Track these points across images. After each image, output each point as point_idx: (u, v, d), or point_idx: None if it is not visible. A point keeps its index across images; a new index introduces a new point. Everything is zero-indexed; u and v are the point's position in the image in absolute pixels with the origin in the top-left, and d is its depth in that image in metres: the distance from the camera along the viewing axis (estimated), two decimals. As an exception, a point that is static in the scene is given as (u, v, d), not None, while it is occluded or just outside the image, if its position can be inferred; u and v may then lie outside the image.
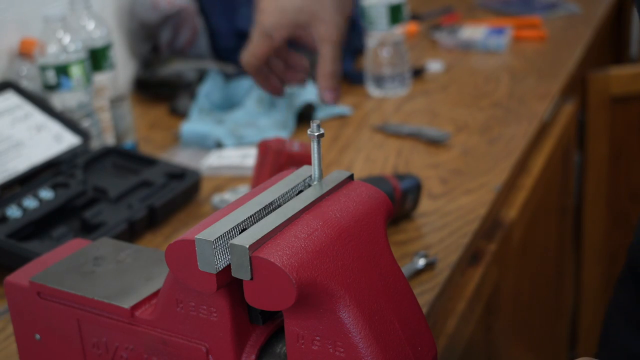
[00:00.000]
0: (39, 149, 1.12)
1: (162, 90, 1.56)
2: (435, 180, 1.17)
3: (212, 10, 1.67)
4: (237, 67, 1.61)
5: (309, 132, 0.62)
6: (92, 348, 0.69)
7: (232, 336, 0.62)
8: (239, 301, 0.61)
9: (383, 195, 0.65)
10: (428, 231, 1.03)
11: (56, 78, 1.20)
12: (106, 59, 1.30)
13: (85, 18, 1.28)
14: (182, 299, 0.62)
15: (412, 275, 0.93)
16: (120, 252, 0.74)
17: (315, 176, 0.64)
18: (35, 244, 0.99)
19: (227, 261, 0.58)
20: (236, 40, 1.68)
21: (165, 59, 1.60)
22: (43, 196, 1.05)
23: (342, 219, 0.61)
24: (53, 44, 1.20)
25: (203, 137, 1.34)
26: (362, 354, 0.57)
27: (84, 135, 1.17)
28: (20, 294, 0.72)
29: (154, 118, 1.50)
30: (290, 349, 0.59)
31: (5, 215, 1.01)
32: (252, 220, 0.60)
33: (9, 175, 1.07)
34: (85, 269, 0.71)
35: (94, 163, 1.15)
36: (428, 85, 1.57)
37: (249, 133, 1.37)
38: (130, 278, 0.70)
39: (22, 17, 1.38)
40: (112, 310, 0.67)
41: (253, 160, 1.27)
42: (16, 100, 1.17)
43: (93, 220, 1.04)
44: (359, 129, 1.39)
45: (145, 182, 1.12)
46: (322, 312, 0.57)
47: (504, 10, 1.96)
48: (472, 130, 1.34)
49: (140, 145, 1.36)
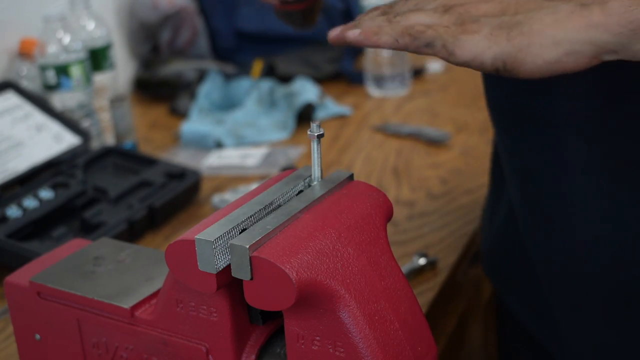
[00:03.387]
0: (39, 149, 1.12)
1: (162, 90, 1.56)
2: (435, 180, 1.17)
3: (212, 10, 1.67)
4: (237, 67, 1.61)
5: (309, 132, 0.62)
6: (92, 348, 0.69)
7: (232, 336, 0.62)
8: (239, 301, 0.61)
9: (383, 195, 0.65)
10: (428, 231, 1.03)
11: (56, 78, 1.20)
12: (106, 59, 1.30)
13: (85, 18, 1.28)
14: (182, 299, 0.62)
15: (412, 275, 0.93)
16: (120, 252, 0.74)
17: (315, 176, 0.64)
18: (35, 244, 0.99)
19: (227, 261, 0.58)
20: (236, 40, 1.68)
21: (165, 59, 1.60)
22: (43, 196, 1.05)
23: (342, 219, 0.61)
24: (53, 44, 1.20)
25: (203, 137, 1.34)
26: (362, 354, 0.57)
27: (84, 135, 1.17)
28: (20, 294, 0.72)
29: (154, 118, 1.50)
30: (290, 349, 0.59)
31: (5, 215, 1.01)
32: (252, 220, 0.60)
33: (9, 175, 1.07)
34: (85, 269, 0.71)
35: (94, 163, 1.15)
36: (428, 85, 1.57)
37: (249, 133, 1.37)
38: (130, 278, 0.70)
39: (22, 17, 1.38)
40: (112, 310, 0.67)
41: (253, 160, 1.27)
42: (16, 100, 1.17)
43: (93, 220, 1.04)
44: (359, 129, 1.39)
45: (145, 182, 1.12)
46: (322, 312, 0.57)
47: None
48: (472, 130, 1.34)
49: (140, 145, 1.36)
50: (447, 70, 1.64)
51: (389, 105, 1.49)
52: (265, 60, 1.57)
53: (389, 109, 1.47)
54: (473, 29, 0.58)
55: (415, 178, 1.18)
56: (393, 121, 1.40)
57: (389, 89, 1.52)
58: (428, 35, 0.58)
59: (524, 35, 0.55)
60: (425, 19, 0.60)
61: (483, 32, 0.57)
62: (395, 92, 1.52)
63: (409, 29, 0.59)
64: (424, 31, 0.59)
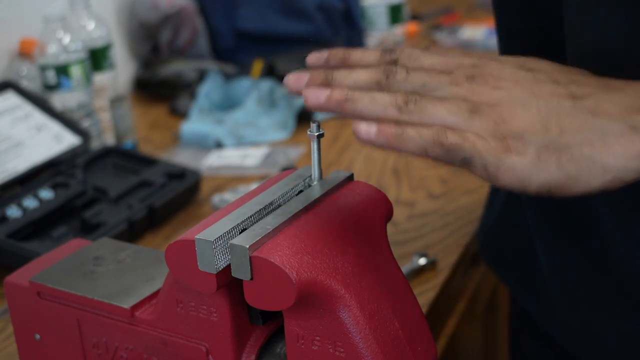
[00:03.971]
0: (39, 149, 1.12)
1: (162, 90, 1.56)
2: (435, 180, 1.17)
3: (212, 10, 1.67)
4: (237, 67, 1.61)
5: (309, 132, 0.62)
6: (92, 348, 0.69)
7: (232, 336, 0.62)
8: (239, 301, 0.61)
9: (383, 195, 0.65)
10: (428, 231, 1.03)
11: (56, 78, 1.20)
12: (106, 59, 1.30)
13: (85, 18, 1.28)
14: (182, 299, 0.62)
15: (412, 275, 0.93)
16: (120, 252, 0.74)
17: (315, 176, 0.64)
18: (35, 244, 0.99)
19: (227, 261, 0.58)
20: (236, 40, 1.68)
21: (165, 59, 1.60)
22: (43, 196, 1.05)
23: (342, 219, 0.61)
24: (53, 44, 1.20)
25: (203, 137, 1.34)
26: (362, 354, 0.57)
27: (84, 135, 1.17)
28: (20, 294, 0.72)
29: (154, 118, 1.50)
30: (290, 349, 0.59)
31: (5, 215, 1.01)
32: (252, 220, 0.60)
33: (9, 175, 1.07)
34: (85, 269, 0.71)
35: (94, 163, 1.15)
36: (428, 85, 1.57)
37: (249, 133, 1.37)
38: (130, 278, 0.70)
39: (22, 17, 1.38)
40: (112, 310, 0.67)
41: (253, 160, 1.27)
42: (16, 100, 1.17)
43: (93, 220, 1.04)
44: (359, 129, 1.39)
45: (145, 182, 1.12)
46: (322, 312, 0.57)
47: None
48: (472, 130, 1.34)
49: (140, 145, 1.36)
50: (447, 70, 1.63)
51: (389, 105, 1.49)
52: (265, 60, 1.57)
53: (389, 109, 1.47)
54: (518, 149, 0.51)
55: (415, 178, 1.18)
56: (393, 121, 1.40)
57: (389, 89, 1.52)
58: (466, 150, 0.51)
59: (574, 162, 0.51)
60: (448, 117, 0.53)
61: (530, 155, 0.51)
62: (395, 92, 1.52)
63: (441, 137, 0.52)
64: (460, 144, 0.51)
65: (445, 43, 1.75)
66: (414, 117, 0.53)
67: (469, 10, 1.99)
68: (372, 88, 0.55)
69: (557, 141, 0.52)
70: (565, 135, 0.52)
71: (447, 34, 1.78)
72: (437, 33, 1.79)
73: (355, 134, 0.53)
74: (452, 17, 1.92)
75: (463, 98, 0.53)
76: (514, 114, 0.52)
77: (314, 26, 1.66)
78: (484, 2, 2.02)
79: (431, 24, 1.89)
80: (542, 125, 0.52)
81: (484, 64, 0.55)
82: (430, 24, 1.89)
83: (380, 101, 0.54)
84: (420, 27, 1.88)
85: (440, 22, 1.90)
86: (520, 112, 0.52)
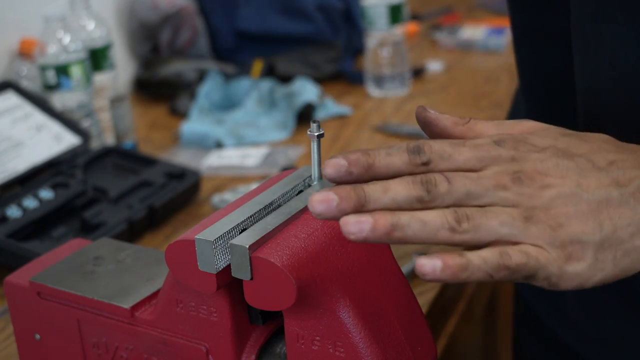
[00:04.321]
0: (39, 149, 1.12)
1: (162, 90, 1.56)
2: (435, 180, 1.16)
3: (212, 10, 1.67)
4: (237, 67, 1.61)
5: (309, 132, 0.62)
6: (92, 348, 0.69)
7: (232, 336, 0.62)
8: (239, 301, 0.61)
9: (383, 195, 0.64)
10: (428, 231, 1.02)
11: (56, 78, 1.20)
12: (106, 59, 1.30)
13: (85, 18, 1.28)
14: (182, 299, 0.62)
15: (412, 275, 0.93)
16: (120, 252, 0.74)
17: (315, 176, 0.64)
18: (35, 244, 0.99)
19: (227, 261, 0.58)
20: (236, 40, 1.68)
21: (165, 59, 1.60)
22: (43, 196, 1.05)
23: (342, 219, 0.61)
24: (53, 44, 1.20)
25: (203, 137, 1.34)
26: (362, 354, 0.57)
27: (84, 135, 1.17)
28: (20, 294, 0.72)
29: (154, 118, 1.50)
30: (290, 349, 0.59)
31: (5, 215, 1.01)
32: (252, 220, 0.60)
33: (9, 175, 1.07)
34: (85, 269, 0.71)
35: (94, 163, 1.15)
36: (428, 85, 1.57)
37: (249, 133, 1.37)
38: (130, 278, 0.70)
39: (22, 17, 1.38)
40: (112, 310, 0.67)
41: (253, 160, 1.27)
42: (16, 100, 1.17)
43: (93, 220, 1.04)
44: (359, 129, 1.39)
45: (145, 182, 1.12)
46: (322, 312, 0.57)
47: (504, 10, 1.96)
48: (472, 130, 1.34)
49: (140, 145, 1.36)
50: (447, 70, 1.63)
51: (389, 105, 1.49)
52: (265, 60, 1.57)
53: (389, 109, 1.47)
54: (578, 256, 0.51)
55: (415, 178, 1.18)
56: (393, 121, 1.40)
57: (389, 89, 1.52)
58: (530, 268, 0.50)
59: (628, 256, 0.51)
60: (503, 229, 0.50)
61: (588, 259, 0.51)
62: (395, 92, 1.52)
63: (505, 260, 0.49)
64: (526, 263, 0.49)
65: (446, 43, 1.75)
66: (467, 236, 0.50)
67: (469, 10, 1.99)
68: (412, 204, 0.50)
69: (611, 237, 0.51)
70: (618, 231, 0.51)
71: (447, 34, 1.78)
72: (437, 33, 1.79)
73: (417, 271, 0.49)
74: (452, 17, 1.92)
75: (513, 204, 0.51)
76: (567, 215, 0.51)
77: (314, 26, 1.65)
78: (484, 2, 2.02)
79: (431, 24, 1.89)
80: (595, 224, 0.51)
81: (523, 157, 0.53)
82: (430, 24, 1.89)
83: (432, 224, 0.49)
84: (420, 27, 1.88)
85: (440, 22, 1.90)
86: (574, 212, 0.51)
